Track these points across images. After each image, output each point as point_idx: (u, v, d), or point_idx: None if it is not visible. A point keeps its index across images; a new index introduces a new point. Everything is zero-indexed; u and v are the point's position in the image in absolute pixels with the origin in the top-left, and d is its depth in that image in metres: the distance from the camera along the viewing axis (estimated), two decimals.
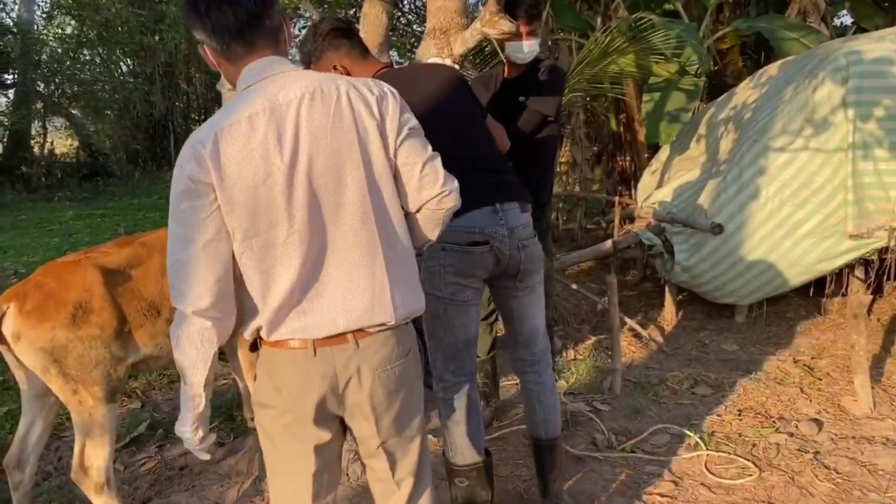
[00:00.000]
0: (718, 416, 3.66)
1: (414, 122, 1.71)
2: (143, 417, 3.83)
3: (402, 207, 1.72)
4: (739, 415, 3.65)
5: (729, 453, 3.26)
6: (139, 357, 2.55)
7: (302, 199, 1.55)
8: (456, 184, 1.76)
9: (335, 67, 2.51)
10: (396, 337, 1.70)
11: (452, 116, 2.47)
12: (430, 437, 2.99)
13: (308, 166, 1.55)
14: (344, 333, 1.62)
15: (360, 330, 1.63)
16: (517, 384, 4.08)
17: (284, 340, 1.63)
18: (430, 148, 1.73)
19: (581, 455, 3.28)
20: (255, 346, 1.74)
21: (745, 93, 5.39)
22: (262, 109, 1.53)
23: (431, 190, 1.70)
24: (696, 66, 5.83)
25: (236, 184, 1.51)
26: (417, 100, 2.41)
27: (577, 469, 3.17)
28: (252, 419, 3.37)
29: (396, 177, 1.68)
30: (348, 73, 2.52)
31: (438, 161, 1.73)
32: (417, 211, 1.74)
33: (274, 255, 1.57)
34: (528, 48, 3.21)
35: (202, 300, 1.58)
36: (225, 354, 4.59)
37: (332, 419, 1.73)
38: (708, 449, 3.29)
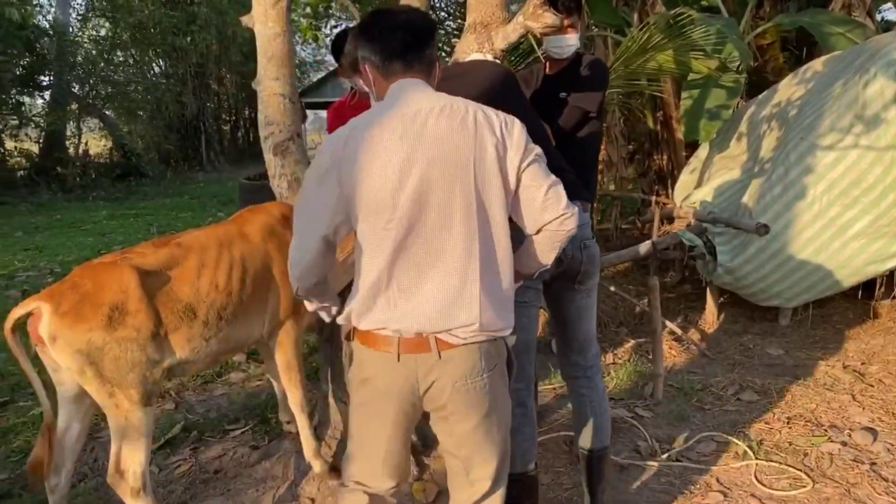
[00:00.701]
0: (766, 423, 3.53)
1: (539, 150, 1.80)
2: (177, 419, 3.80)
3: (523, 230, 1.84)
4: (788, 422, 3.52)
5: (779, 463, 3.13)
6: (175, 360, 2.50)
7: (409, 194, 1.67)
8: (576, 209, 1.81)
9: None
10: (481, 352, 1.76)
11: (509, 112, 2.40)
12: None
13: (425, 167, 1.67)
14: (427, 341, 1.72)
15: (445, 342, 1.73)
16: (555, 389, 4.00)
17: (371, 332, 1.76)
18: (552, 175, 1.81)
19: (624, 463, 3.18)
20: (349, 337, 1.87)
21: (789, 89, 5.23)
22: (395, 114, 1.71)
23: (554, 211, 1.77)
24: (737, 63, 5.67)
25: (359, 174, 1.68)
26: (470, 96, 2.34)
27: (620, 478, 3.07)
28: (287, 422, 3.33)
29: (518, 199, 1.78)
30: None
31: (561, 187, 1.80)
32: (537, 232, 1.82)
33: (373, 239, 1.72)
34: (568, 42, 3.10)
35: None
36: (260, 356, 4.56)
37: (410, 414, 1.84)
38: (757, 458, 3.17)
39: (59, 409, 2.57)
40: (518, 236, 1.88)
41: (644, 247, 4.86)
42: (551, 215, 1.77)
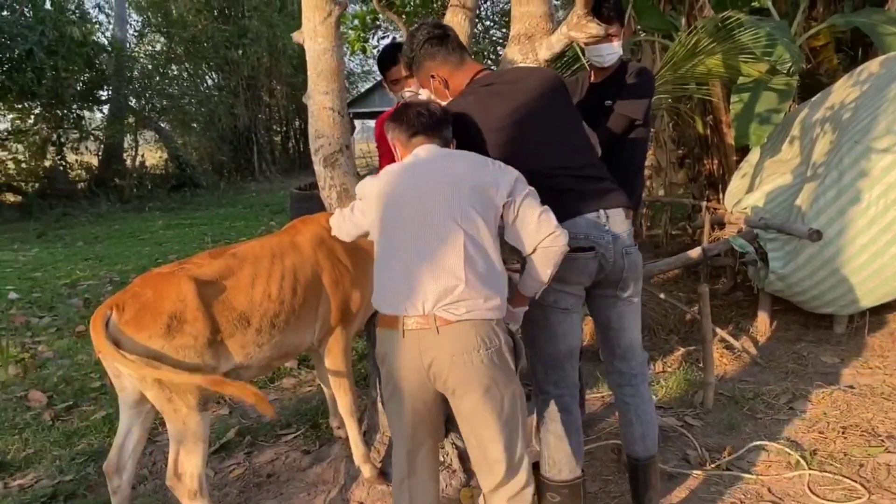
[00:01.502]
0: (820, 433, 3.46)
1: (531, 188, 2.18)
2: (232, 424, 3.90)
3: (522, 252, 2.19)
4: (843, 432, 3.45)
5: (834, 473, 3.07)
6: (231, 366, 2.58)
7: (412, 212, 2.13)
8: (565, 231, 2.14)
9: (433, 76, 2.52)
10: (476, 329, 2.03)
11: (556, 123, 2.45)
12: None
13: (425, 193, 2.13)
14: (427, 318, 2.02)
15: (442, 318, 2.01)
16: (603, 398, 3.99)
17: (384, 314, 2.12)
18: (543, 205, 2.16)
19: (673, 472, 3.15)
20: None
21: (843, 91, 5.12)
22: (414, 158, 2.25)
23: (547, 228, 2.11)
24: (789, 65, 5.57)
25: (385, 200, 2.20)
26: (520, 104, 2.39)
27: (668, 486, 3.05)
28: (338, 427, 3.40)
29: (516, 225, 2.15)
30: (446, 82, 2.52)
31: (552, 214, 2.15)
32: (533, 252, 2.14)
33: (387, 245, 2.17)
34: (609, 51, 3.10)
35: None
36: (311, 362, 4.65)
37: (424, 389, 2.11)
38: (810, 468, 3.11)
39: (121, 414, 2.68)
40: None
41: (694, 253, 4.81)
42: (544, 233, 2.11)
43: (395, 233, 2.14)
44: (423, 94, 3.07)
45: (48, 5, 14.86)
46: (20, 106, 16.67)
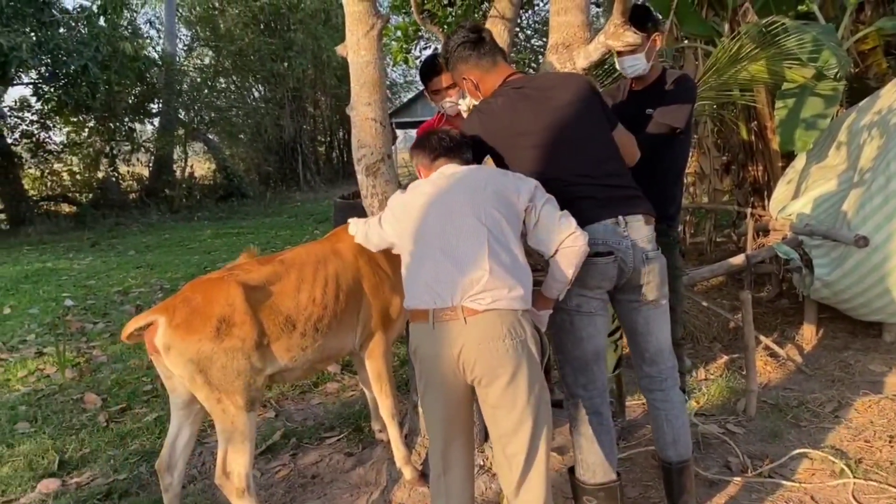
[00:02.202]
0: (866, 441, 3.41)
1: (548, 195, 2.30)
2: (277, 426, 4.00)
3: (544, 255, 2.29)
4: (890, 441, 3.39)
5: (880, 482, 3.02)
6: (276, 368, 2.67)
7: (437, 219, 2.25)
8: (585, 232, 2.24)
9: (465, 79, 2.58)
10: (501, 319, 2.10)
11: (583, 131, 2.49)
12: (553, 454, 2.97)
13: (448, 201, 2.26)
14: (455, 309, 2.11)
15: (470, 309, 2.10)
16: (642, 404, 3.97)
17: (415, 308, 2.21)
18: (562, 210, 2.28)
19: (713, 479, 3.14)
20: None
21: (892, 96, 5.03)
22: (438, 174, 2.39)
23: (568, 230, 2.22)
24: (835, 70, 5.49)
25: (412, 210, 2.34)
26: (548, 110, 2.43)
27: (709, 493, 3.04)
28: (380, 431, 3.47)
29: (538, 228, 2.26)
30: (477, 85, 2.58)
31: (571, 217, 2.25)
32: (555, 253, 2.24)
33: (416, 252, 2.28)
34: (631, 62, 3.07)
35: None
36: (354, 367, 4.74)
37: (455, 379, 2.18)
38: (855, 477, 3.07)
39: (172, 414, 2.78)
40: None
41: (738, 260, 4.78)
42: (564, 234, 2.22)
43: (423, 238, 2.26)
44: (463, 106, 3.14)
45: (102, 22, 15.36)
46: (75, 119, 17.27)
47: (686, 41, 7.04)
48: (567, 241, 2.22)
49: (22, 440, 3.96)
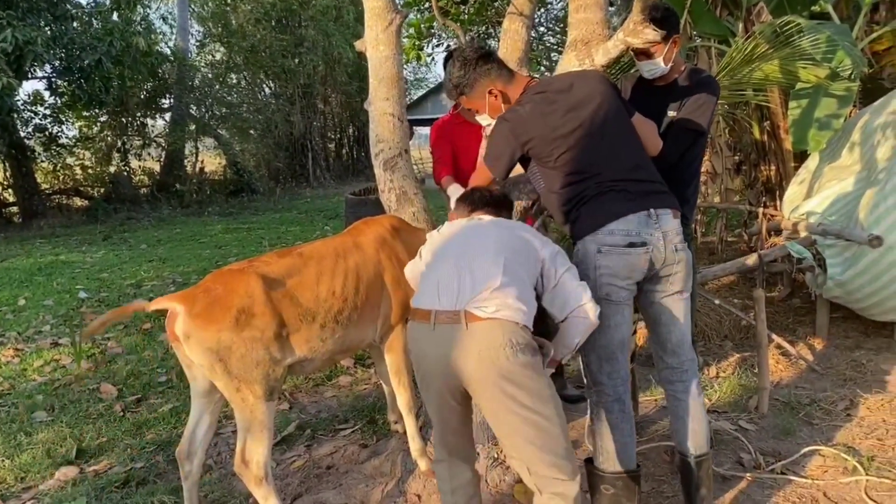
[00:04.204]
0: (879, 439, 3.42)
1: (570, 263, 2.35)
2: (292, 418, 4.04)
3: (555, 318, 2.34)
4: None
5: (892, 480, 3.04)
6: (295, 359, 2.70)
7: (458, 243, 2.35)
8: (597, 305, 2.30)
9: (490, 92, 2.60)
10: (502, 329, 2.08)
11: (609, 127, 2.52)
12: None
13: (477, 231, 2.38)
14: (458, 314, 2.10)
15: (473, 315, 2.09)
16: (656, 400, 4.01)
17: (418, 308, 2.22)
18: (580, 281, 2.33)
19: (726, 475, 3.16)
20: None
21: None
22: (472, 219, 2.50)
23: (582, 297, 2.27)
24: (849, 70, 5.49)
25: (441, 238, 2.45)
26: (574, 112, 2.47)
27: (721, 489, 3.05)
28: (395, 422, 3.50)
29: (554, 292, 2.29)
30: (504, 94, 2.60)
31: (586, 287, 2.30)
32: (564, 319, 2.29)
33: (431, 265, 2.36)
34: (649, 66, 3.05)
35: None
36: (366, 361, 4.77)
37: (450, 378, 2.16)
38: (868, 474, 3.08)
39: (192, 402, 2.83)
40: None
41: (750, 259, 4.79)
42: (578, 303, 2.27)
43: (443, 253, 2.34)
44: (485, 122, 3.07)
45: (116, 17, 15.45)
46: (88, 114, 17.38)
47: (700, 40, 7.04)
48: (579, 311, 2.27)
49: (40, 429, 4.01)
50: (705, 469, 2.64)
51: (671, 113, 3.07)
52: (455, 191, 3.49)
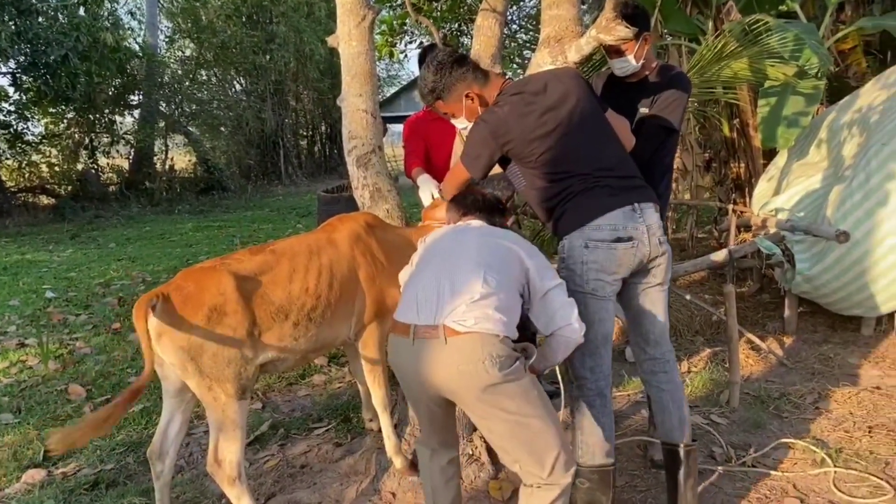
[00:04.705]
0: (846, 432, 3.48)
1: (559, 279, 2.32)
2: (265, 417, 4.01)
3: (541, 332, 2.34)
4: (870, 432, 3.46)
5: (859, 471, 3.09)
6: (268, 358, 2.68)
7: (442, 252, 2.34)
8: (583, 325, 2.28)
9: (467, 96, 2.59)
10: (482, 342, 2.07)
11: (587, 125, 2.54)
12: None
13: (461, 239, 2.37)
14: (437, 328, 2.11)
15: (451, 329, 2.09)
16: (628, 395, 4.04)
17: (398, 322, 2.24)
18: (569, 298, 2.30)
19: (699, 468, 3.18)
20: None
21: (871, 94, 5.12)
22: (461, 224, 2.50)
23: (569, 317, 2.25)
24: (817, 68, 5.57)
25: (427, 245, 2.46)
26: (551, 112, 2.48)
27: None
28: (370, 420, 3.48)
29: (542, 305, 2.27)
30: (481, 97, 2.60)
31: (574, 306, 2.28)
32: (552, 335, 2.28)
33: (414, 274, 2.37)
34: (620, 64, 3.05)
35: None
36: (341, 360, 4.75)
37: (432, 390, 2.20)
38: (836, 466, 3.14)
39: (164, 402, 2.79)
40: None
41: (720, 255, 4.83)
42: (565, 321, 2.25)
43: (425, 262, 2.34)
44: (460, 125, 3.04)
45: (82, 12, 15.18)
46: (54, 110, 17.04)
47: (670, 39, 7.10)
48: (565, 330, 2.26)
49: (6, 431, 3.93)
50: (694, 458, 2.67)
51: (643, 110, 3.08)
52: (425, 182, 3.47)
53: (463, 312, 2.10)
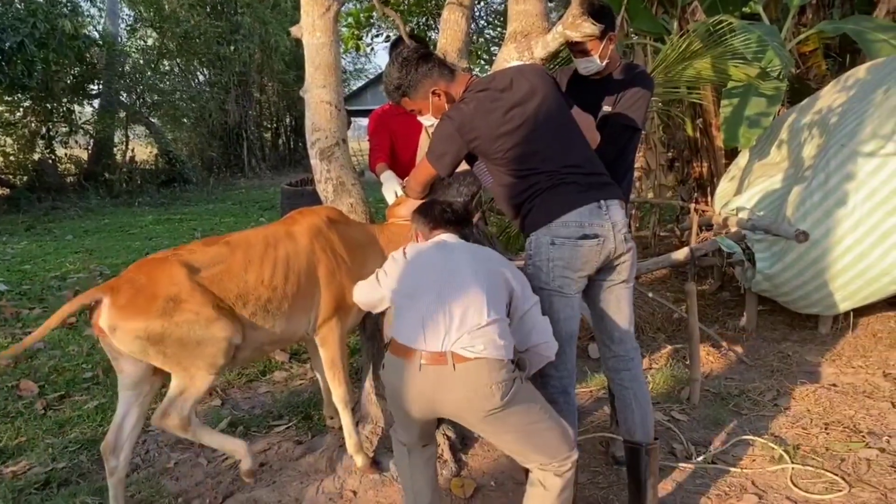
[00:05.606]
0: (804, 429, 3.53)
1: (536, 297, 2.36)
2: (224, 415, 3.93)
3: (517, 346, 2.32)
4: (826, 428, 3.52)
5: (816, 467, 3.14)
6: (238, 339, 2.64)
7: (438, 275, 2.28)
8: (556, 343, 2.37)
9: (434, 93, 2.55)
10: (489, 367, 2.10)
11: (553, 122, 2.52)
12: None
13: (453, 260, 2.33)
14: (444, 356, 2.12)
15: (459, 356, 2.11)
16: (591, 392, 4.05)
17: (400, 344, 2.22)
18: (543, 317, 2.36)
19: (660, 465, 3.21)
20: (385, 346, 2.45)
21: (831, 96, 5.21)
22: (442, 240, 2.45)
23: (545, 335, 2.33)
24: (778, 70, 5.65)
25: (411, 266, 2.40)
26: (517, 108, 2.45)
27: None
28: (331, 418, 3.44)
29: (521, 323, 2.30)
30: (447, 94, 2.56)
31: (549, 324, 2.35)
32: (526, 351, 2.34)
33: (411, 298, 2.30)
34: (585, 64, 3.04)
35: None
36: (302, 356, 4.68)
37: (431, 414, 2.25)
38: (793, 462, 3.18)
39: (119, 395, 2.72)
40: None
41: (682, 253, 4.87)
42: (541, 339, 2.33)
43: (419, 289, 2.28)
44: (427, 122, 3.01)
45: None
46: (9, 98, 16.56)
47: (636, 37, 7.15)
48: (540, 348, 2.34)
49: None
50: (655, 456, 2.68)
51: (606, 107, 3.08)
52: (388, 179, 3.43)
53: (471, 339, 2.12)
